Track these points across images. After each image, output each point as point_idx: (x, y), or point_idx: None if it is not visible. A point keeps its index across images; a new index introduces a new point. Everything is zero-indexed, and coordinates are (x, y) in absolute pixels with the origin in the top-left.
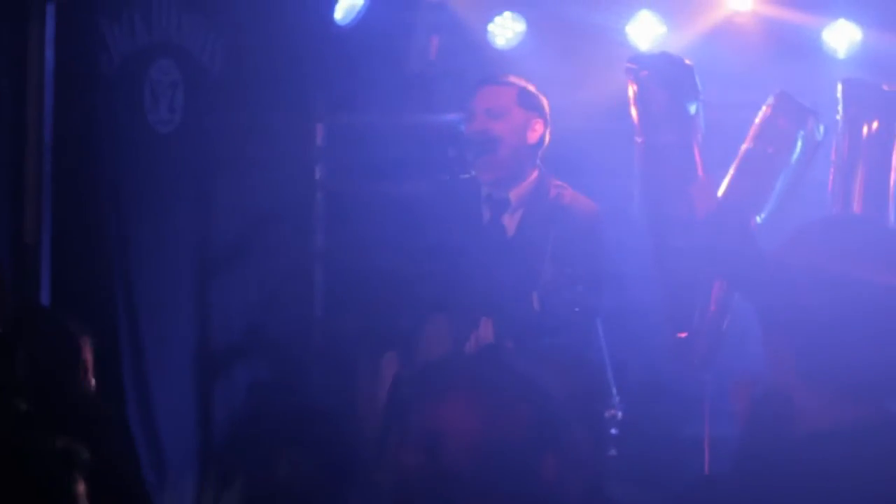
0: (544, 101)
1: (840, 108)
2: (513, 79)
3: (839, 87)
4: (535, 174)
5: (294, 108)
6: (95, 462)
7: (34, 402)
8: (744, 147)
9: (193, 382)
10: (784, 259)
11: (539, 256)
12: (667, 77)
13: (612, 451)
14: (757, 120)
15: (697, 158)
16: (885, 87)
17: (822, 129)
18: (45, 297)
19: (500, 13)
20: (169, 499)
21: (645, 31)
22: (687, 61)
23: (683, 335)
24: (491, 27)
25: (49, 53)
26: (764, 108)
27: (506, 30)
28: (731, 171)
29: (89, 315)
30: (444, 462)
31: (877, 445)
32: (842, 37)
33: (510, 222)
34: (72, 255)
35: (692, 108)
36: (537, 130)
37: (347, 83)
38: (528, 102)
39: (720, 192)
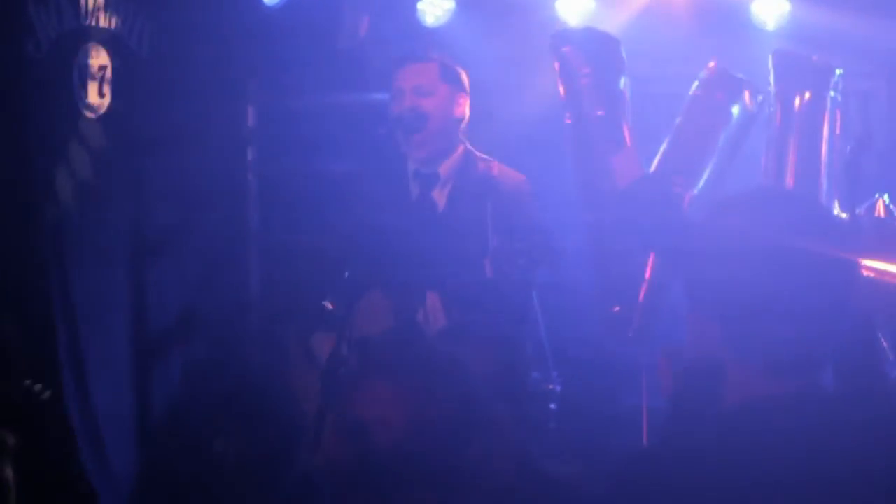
0: (466, 75)
1: (771, 80)
2: (434, 55)
3: (770, 59)
4: (461, 148)
5: (224, 89)
6: (30, 448)
7: None
8: (679, 120)
9: (130, 366)
10: (710, 230)
11: (472, 228)
12: (590, 52)
13: (552, 425)
14: (691, 92)
15: (625, 132)
16: (815, 59)
17: (759, 99)
18: None
19: None
20: (108, 483)
21: (574, 7)
22: (612, 35)
23: (617, 309)
24: (420, 5)
25: None
26: (697, 81)
27: (435, 7)
28: (665, 144)
29: (23, 302)
30: (370, 446)
31: (807, 418)
32: (770, 9)
33: (440, 197)
34: (2, 242)
35: (620, 82)
36: (461, 105)
37: (277, 64)
38: (451, 77)
39: (654, 165)
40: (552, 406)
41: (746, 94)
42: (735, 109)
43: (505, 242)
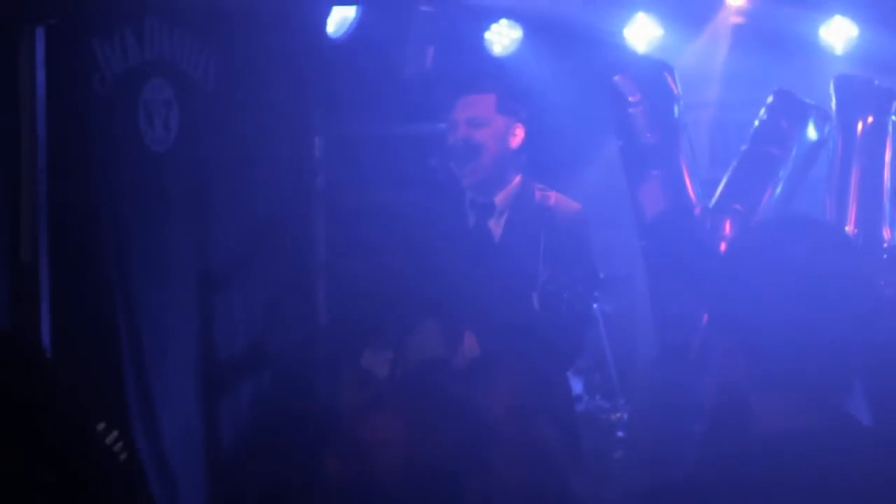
0: (524, 106)
1: (833, 104)
2: (493, 85)
3: (831, 84)
4: (517, 179)
5: (290, 121)
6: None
7: None
8: (744, 147)
9: (198, 398)
10: (734, 260)
11: (527, 258)
12: (641, 80)
13: (618, 454)
14: (758, 120)
15: (679, 159)
16: (877, 83)
17: (827, 126)
18: (44, 317)
19: (496, 20)
20: None
21: (642, 34)
22: (664, 62)
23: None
24: (488, 35)
25: (41, 74)
26: (764, 107)
27: (502, 37)
28: (730, 171)
29: (90, 334)
30: (369, 473)
31: (833, 448)
32: (838, 33)
33: (496, 226)
34: (70, 274)
35: (674, 110)
36: (518, 136)
37: (343, 95)
38: (507, 108)
39: (718, 191)
40: (619, 434)
41: (813, 120)
42: (801, 136)
43: (553, 276)
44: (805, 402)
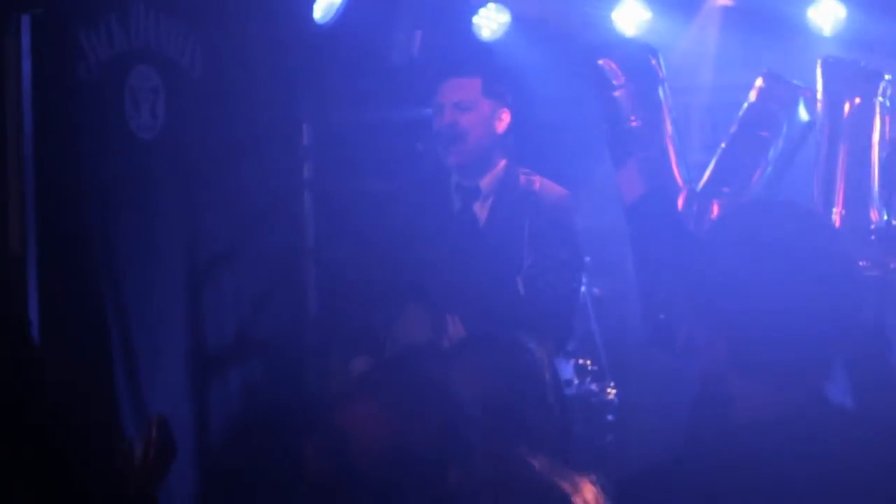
0: (509, 91)
1: (819, 86)
2: (479, 70)
3: (818, 65)
4: (503, 163)
5: (278, 108)
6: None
7: None
8: (733, 129)
9: (188, 386)
10: (715, 244)
11: (512, 243)
12: (625, 63)
13: (609, 437)
14: (746, 103)
15: (666, 142)
16: (863, 64)
17: (818, 106)
18: (32, 308)
19: (484, 5)
20: (166, 500)
21: (631, 18)
22: (649, 45)
23: (662, 317)
24: (476, 19)
25: (26, 64)
26: (753, 90)
27: (491, 21)
28: (718, 154)
29: (79, 324)
30: (350, 462)
31: (814, 434)
32: (826, 15)
33: (481, 210)
34: (58, 265)
35: (658, 92)
36: (504, 120)
37: (331, 81)
38: (493, 93)
39: (706, 174)
40: (609, 417)
41: (802, 102)
42: (790, 118)
43: (538, 261)
44: (786, 387)
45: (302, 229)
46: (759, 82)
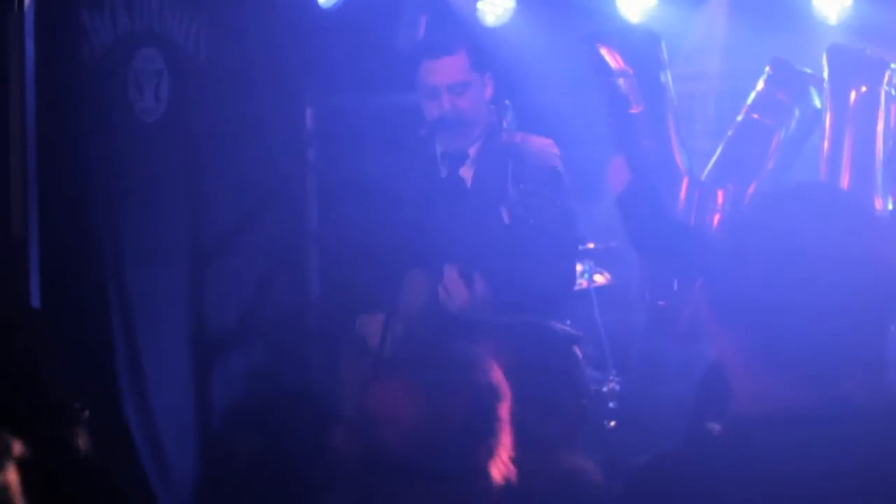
0: (488, 54)
1: (826, 74)
2: (460, 43)
3: (824, 54)
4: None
5: (281, 91)
6: (91, 450)
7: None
8: (740, 117)
9: (190, 370)
10: (738, 234)
11: (495, 190)
12: (627, 49)
13: (611, 424)
14: (755, 91)
15: (668, 127)
16: (869, 53)
17: (826, 94)
18: (34, 291)
19: None
20: (168, 486)
21: (635, 3)
22: (650, 31)
23: (662, 303)
24: (480, 4)
25: (29, 45)
26: (762, 78)
27: (496, 6)
28: (724, 142)
29: (81, 307)
30: (379, 447)
31: (832, 431)
32: (832, 3)
33: (467, 173)
34: (61, 247)
35: (660, 78)
36: (489, 85)
37: (335, 65)
38: (478, 64)
39: (711, 163)
40: (611, 405)
41: (810, 90)
42: (798, 106)
43: (517, 186)
44: (809, 385)
45: (305, 213)
46: (767, 70)
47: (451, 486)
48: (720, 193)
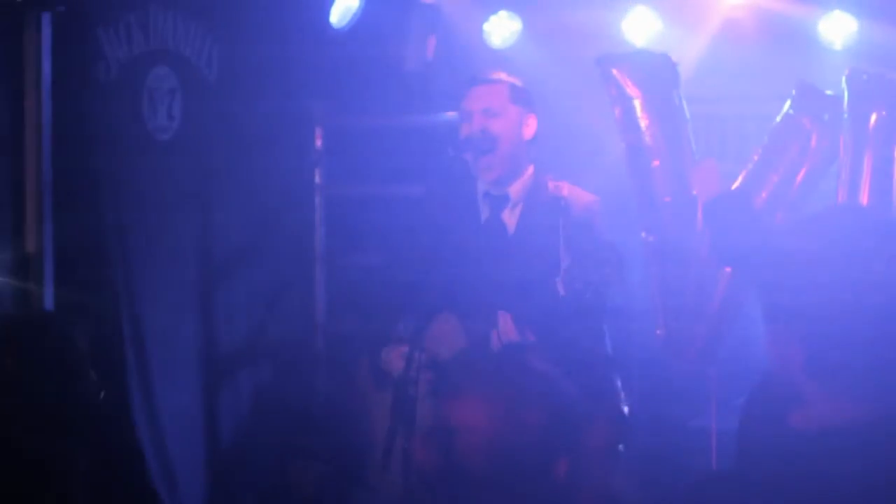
0: (534, 97)
1: (845, 98)
2: (503, 76)
3: (843, 77)
4: (531, 169)
5: (292, 112)
6: (101, 462)
7: (32, 405)
8: (767, 141)
9: (198, 387)
10: (791, 250)
11: (546, 247)
12: (639, 72)
13: (620, 447)
14: (780, 115)
15: (687, 146)
16: (889, 76)
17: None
18: (48, 306)
19: (495, 12)
20: (175, 494)
21: (641, 28)
22: (664, 54)
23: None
24: (486, 26)
25: (46, 63)
26: (788, 100)
27: (502, 29)
28: (751, 165)
29: (93, 323)
30: (458, 458)
31: (887, 444)
32: (838, 28)
33: (510, 218)
34: (74, 263)
35: (674, 99)
36: (531, 126)
37: (345, 86)
38: (520, 99)
39: (736, 184)
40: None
41: (834, 111)
42: (823, 129)
43: (577, 261)
44: (863, 395)
45: (312, 233)
46: (794, 92)
47: (528, 497)
48: None
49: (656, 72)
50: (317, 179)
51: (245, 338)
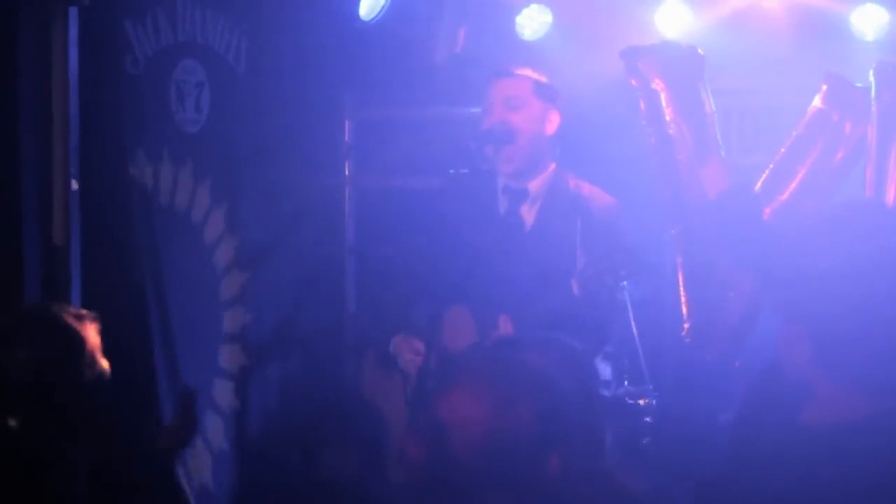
0: (559, 93)
1: (873, 91)
2: (528, 71)
3: (871, 71)
4: (552, 166)
5: (321, 104)
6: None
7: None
8: (795, 134)
9: (228, 377)
10: (805, 246)
11: (563, 245)
12: (665, 65)
13: (646, 439)
14: (811, 106)
15: (710, 141)
16: None
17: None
18: (75, 299)
19: (527, 5)
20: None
21: (672, 19)
22: (690, 46)
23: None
24: (519, 19)
25: (73, 56)
26: (818, 95)
27: (533, 21)
28: (779, 159)
29: (120, 317)
30: (450, 453)
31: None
32: (869, 20)
33: (528, 213)
34: (101, 256)
35: (700, 93)
36: (554, 121)
37: (374, 78)
38: (544, 93)
39: (763, 177)
40: (647, 419)
41: (865, 105)
42: (854, 121)
43: (593, 262)
44: (872, 392)
45: (342, 225)
46: (824, 86)
47: (522, 493)
48: (767, 210)
49: (682, 64)
50: (346, 171)
51: (275, 330)
